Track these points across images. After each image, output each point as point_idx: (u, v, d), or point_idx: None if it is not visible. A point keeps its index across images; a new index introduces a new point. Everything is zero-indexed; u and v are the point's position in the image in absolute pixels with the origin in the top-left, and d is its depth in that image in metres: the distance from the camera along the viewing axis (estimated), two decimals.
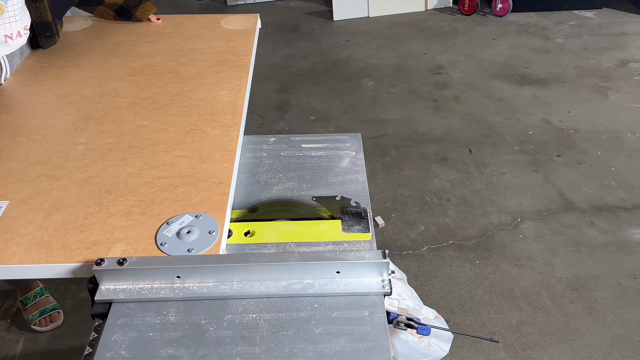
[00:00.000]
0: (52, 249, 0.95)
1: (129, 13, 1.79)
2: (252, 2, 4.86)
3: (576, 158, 2.79)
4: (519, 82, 3.49)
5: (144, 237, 0.97)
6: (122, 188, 1.09)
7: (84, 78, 1.49)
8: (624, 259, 2.20)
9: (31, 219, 1.01)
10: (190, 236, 0.96)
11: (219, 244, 0.96)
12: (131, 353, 0.81)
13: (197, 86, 1.44)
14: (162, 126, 1.28)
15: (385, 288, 0.89)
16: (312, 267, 0.89)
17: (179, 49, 1.64)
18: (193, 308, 0.88)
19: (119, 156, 1.18)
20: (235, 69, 1.52)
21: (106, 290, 0.90)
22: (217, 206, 1.04)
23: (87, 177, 1.12)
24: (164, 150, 1.20)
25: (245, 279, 0.90)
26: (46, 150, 1.20)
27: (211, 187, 1.09)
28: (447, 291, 2.08)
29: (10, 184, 1.10)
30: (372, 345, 0.82)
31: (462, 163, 2.77)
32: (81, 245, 0.95)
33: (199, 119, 1.30)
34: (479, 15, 4.48)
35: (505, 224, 2.39)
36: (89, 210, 1.03)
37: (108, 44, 1.68)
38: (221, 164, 1.15)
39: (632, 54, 3.79)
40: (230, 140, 1.23)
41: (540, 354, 1.85)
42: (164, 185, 1.09)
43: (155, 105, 1.36)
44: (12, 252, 0.94)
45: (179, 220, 1.00)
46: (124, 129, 1.27)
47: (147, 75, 1.49)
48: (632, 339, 1.89)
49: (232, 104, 1.36)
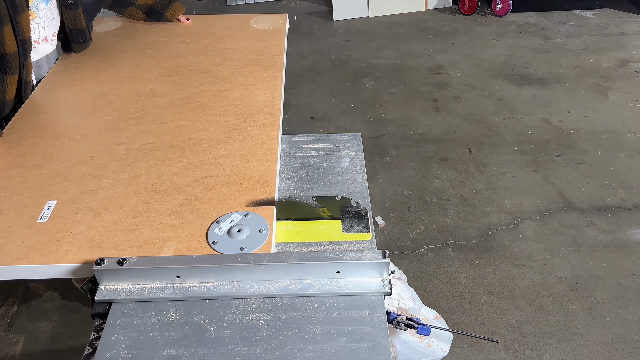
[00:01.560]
0: (104, 248, 0.96)
1: (159, 14, 1.79)
2: (252, 2, 4.86)
3: (576, 158, 2.79)
4: (519, 82, 3.49)
5: (194, 236, 0.98)
6: (169, 187, 1.10)
7: (119, 78, 1.50)
8: (624, 259, 2.20)
9: (81, 218, 1.02)
10: (241, 235, 0.97)
11: (270, 242, 0.97)
12: (131, 353, 0.81)
13: (232, 86, 1.45)
14: (202, 126, 1.29)
15: (385, 288, 0.89)
16: (312, 267, 0.89)
17: (211, 49, 1.65)
18: (193, 308, 0.88)
19: (162, 156, 1.19)
20: (269, 69, 1.54)
21: (106, 290, 0.90)
22: (264, 205, 1.05)
23: (132, 176, 1.13)
24: (206, 150, 1.20)
25: (245, 279, 0.90)
26: (89, 150, 1.21)
27: (256, 186, 1.10)
28: (447, 291, 2.08)
29: (57, 184, 1.11)
30: (372, 345, 0.82)
31: (462, 163, 2.77)
32: (133, 244, 0.96)
33: (238, 119, 1.31)
34: (479, 15, 4.48)
35: (505, 224, 2.39)
36: (137, 210, 1.04)
37: (140, 44, 1.68)
38: (264, 163, 1.16)
39: (632, 54, 3.79)
40: (271, 139, 1.24)
41: (540, 354, 1.85)
42: (210, 184, 1.10)
43: (193, 105, 1.37)
44: (66, 251, 0.95)
45: (229, 219, 1.01)
46: (164, 128, 1.28)
47: (182, 76, 1.50)
48: (632, 339, 1.89)
49: (269, 104, 1.37)
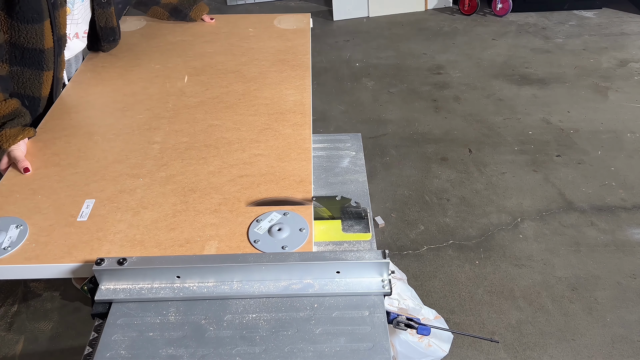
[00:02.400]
0: (146, 246, 0.96)
1: (183, 13, 1.79)
2: (252, 2, 4.86)
3: (576, 158, 2.79)
4: (519, 82, 3.49)
5: (235, 235, 0.98)
6: (206, 186, 1.10)
7: (148, 77, 1.50)
8: (624, 259, 2.20)
9: (120, 217, 1.02)
10: (282, 233, 0.97)
11: (311, 241, 0.97)
12: (131, 353, 0.81)
13: (261, 85, 1.45)
14: (234, 125, 1.29)
15: (385, 288, 0.89)
16: (312, 267, 0.89)
17: (236, 48, 1.65)
18: (193, 308, 0.88)
19: (197, 155, 1.19)
20: (296, 69, 1.54)
21: (106, 290, 0.90)
22: (302, 203, 1.06)
23: (169, 175, 1.13)
24: (240, 149, 1.21)
25: (245, 279, 0.90)
26: (123, 149, 1.21)
27: (293, 185, 1.10)
28: (447, 291, 2.08)
29: (94, 183, 1.11)
30: (372, 345, 0.82)
31: (462, 163, 2.77)
32: (175, 243, 0.96)
33: (269, 118, 1.31)
34: (479, 15, 4.48)
35: (505, 224, 2.39)
36: (176, 209, 1.04)
37: (165, 43, 1.69)
38: (299, 163, 1.16)
39: (632, 54, 3.79)
40: (304, 138, 1.24)
41: (540, 354, 1.85)
42: (247, 184, 1.10)
43: (223, 104, 1.37)
44: (107, 250, 0.95)
45: (268, 218, 1.01)
46: (196, 128, 1.28)
47: (210, 75, 1.50)
48: (632, 339, 1.89)
49: (299, 103, 1.37)
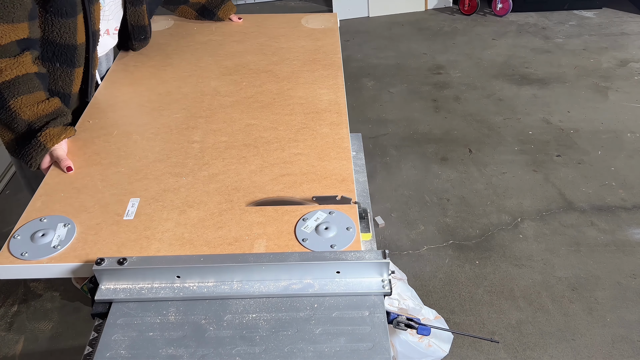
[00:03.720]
0: (195, 245, 0.96)
1: (211, 13, 1.80)
2: (252, 2, 4.86)
3: (576, 158, 2.79)
4: (519, 82, 3.49)
5: (283, 233, 0.98)
6: (249, 185, 1.10)
7: (181, 77, 1.50)
8: (624, 259, 2.20)
9: (167, 216, 1.02)
10: (329, 232, 0.97)
11: (359, 240, 0.97)
12: (131, 353, 0.81)
13: (294, 85, 1.46)
14: (271, 124, 1.29)
15: (385, 288, 0.89)
16: (312, 267, 0.89)
17: (266, 48, 1.66)
18: (193, 308, 0.88)
19: (237, 154, 1.19)
20: (328, 68, 1.54)
21: (106, 290, 0.90)
22: (346, 202, 1.05)
23: (211, 174, 1.13)
24: (279, 148, 1.21)
25: (245, 279, 0.90)
26: (163, 149, 1.21)
27: (335, 184, 1.11)
28: (447, 291, 2.08)
29: (137, 182, 1.11)
30: (372, 346, 0.82)
31: (462, 163, 2.77)
32: (223, 242, 0.97)
33: (306, 118, 1.32)
34: (479, 15, 4.48)
35: (505, 224, 2.39)
36: (221, 207, 1.04)
37: (195, 43, 1.69)
38: (339, 162, 1.17)
39: (632, 54, 3.79)
40: (342, 138, 1.24)
41: (540, 354, 1.85)
42: (289, 183, 1.11)
43: (258, 103, 1.37)
44: (157, 249, 0.95)
45: (314, 217, 1.01)
46: (234, 127, 1.29)
47: (242, 75, 1.51)
48: (632, 339, 1.89)
49: (334, 102, 1.38)
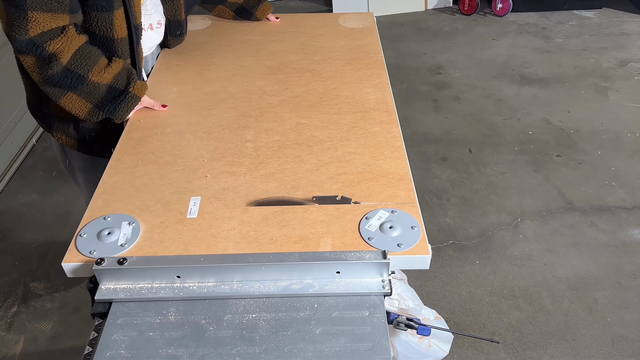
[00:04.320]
0: (261, 243, 0.96)
1: (249, 12, 1.80)
2: None
3: (576, 158, 2.79)
4: (519, 82, 3.49)
5: (347, 232, 0.98)
6: (307, 184, 1.10)
7: (225, 76, 1.50)
8: (624, 259, 2.20)
9: (230, 214, 1.02)
10: (394, 231, 0.97)
11: (425, 239, 0.97)
12: (131, 352, 0.81)
13: (340, 84, 1.46)
14: (321, 124, 1.29)
15: (385, 288, 0.89)
16: (312, 267, 0.89)
17: (307, 47, 1.66)
18: (193, 308, 0.88)
19: (291, 153, 1.19)
20: (371, 67, 1.54)
21: (106, 289, 0.90)
22: (407, 202, 1.06)
23: (268, 173, 1.14)
24: (332, 148, 1.21)
25: (245, 279, 0.90)
26: (217, 148, 1.22)
27: (393, 182, 1.10)
28: (447, 291, 2.08)
29: (195, 180, 1.12)
30: (372, 346, 0.82)
31: (462, 163, 2.77)
32: (289, 240, 0.97)
33: (355, 117, 1.32)
34: (479, 15, 4.48)
35: (505, 224, 2.39)
36: (283, 206, 1.04)
37: (235, 42, 1.69)
38: (394, 161, 1.16)
39: (632, 54, 3.79)
40: (394, 137, 1.24)
41: (540, 354, 1.85)
42: (347, 182, 1.11)
43: (306, 103, 1.38)
44: (224, 247, 0.95)
45: (376, 216, 1.01)
46: (284, 126, 1.29)
47: (286, 74, 1.51)
48: (632, 339, 1.89)
49: (381, 101, 1.38)
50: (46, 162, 2.88)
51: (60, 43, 1.15)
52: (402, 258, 0.94)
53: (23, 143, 2.95)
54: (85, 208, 1.07)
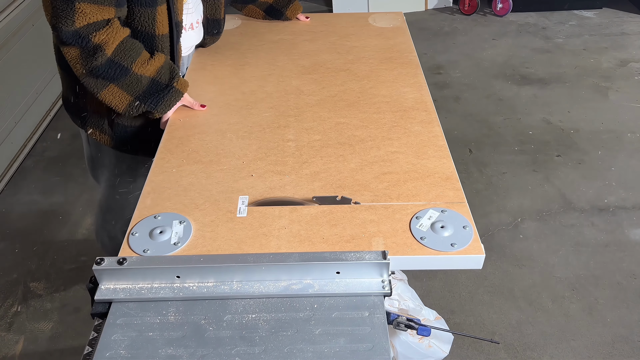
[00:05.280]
0: (313, 242, 0.96)
1: (279, 12, 1.81)
2: None
3: (576, 158, 2.79)
4: (519, 82, 3.49)
5: (398, 232, 0.98)
6: (353, 183, 1.10)
7: (261, 76, 1.50)
8: (624, 259, 2.20)
9: (279, 213, 1.02)
10: (445, 231, 0.97)
11: (477, 239, 0.97)
12: (131, 353, 0.81)
13: (376, 83, 1.45)
14: (361, 123, 1.29)
15: (385, 289, 0.89)
16: (312, 267, 0.89)
17: (339, 47, 1.66)
18: (193, 308, 0.88)
19: (334, 152, 1.19)
20: (406, 66, 1.54)
21: (106, 289, 0.90)
22: (455, 201, 1.05)
23: (313, 172, 1.13)
24: (374, 147, 1.21)
25: (245, 279, 0.90)
26: (260, 147, 1.22)
27: (440, 182, 1.10)
28: (447, 291, 2.08)
29: (241, 180, 1.12)
30: (372, 346, 0.82)
31: (462, 163, 2.77)
32: (340, 239, 0.97)
33: (394, 116, 1.31)
34: (479, 15, 4.47)
35: (505, 224, 2.39)
36: (331, 205, 1.04)
37: (267, 42, 1.69)
38: (439, 160, 1.16)
39: (632, 54, 3.79)
40: (436, 136, 1.24)
41: (540, 354, 1.85)
42: (393, 181, 1.10)
43: (344, 102, 1.37)
44: (277, 246, 0.96)
45: (427, 215, 1.01)
46: (324, 126, 1.28)
47: (321, 74, 1.51)
48: (632, 339, 1.89)
49: (419, 101, 1.37)
50: (46, 162, 2.88)
51: (106, 34, 1.16)
52: (456, 258, 0.95)
53: (23, 143, 2.95)
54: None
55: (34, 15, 3.07)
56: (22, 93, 2.97)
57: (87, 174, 2.72)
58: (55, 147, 3.00)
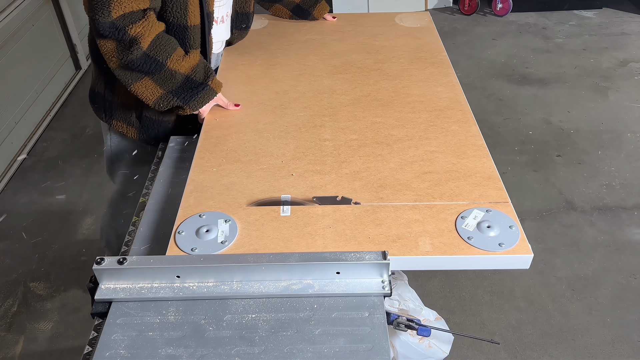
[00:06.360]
0: (359, 241, 0.97)
1: (306, 12, 1.81)
2: None
3: (576, 158, 2.79)
4: (519, 82, 3.49)
5: (444, 231, 0.98)
6: (394, 183, 1.10)
7: (292, 76, 1.50)
8: (624, 259, 2.20)
9: (322, 212, 1.03)
10: (492, 231, 0.97)
11: (524, 238, 0.97)
12: (130, 352, 0.81)
13: (408, 83, 1.45)
14: (397, 122, 1.29)
15: (385, 289, 0.89)
16: (312, 267, 0.89)
17: (368, 46, 1.65)
18: (192, 308, 0.88)
19: (372, 152, 1.19)
20: (437, 66, 1.53)
21: (106, 289, 0.90)
22: (499, 201, 1.05)
23: (352, 172, 1.13)
24: (412, 146, 1.20)
25: (245, 279, 0.90)
26: (297, 147, 1.22)
27: (482, 182, 1.10)
28: (447, 292, 2.08)
29: (282, 179, 1.12)
30: (372, 346, 0.82)
31: None
32: (386, 239, 0.97)
33: (430, 115, 1.31)
34: (479, 15, 4.47)
35: None
36: (374, 205, 1.04)
37: (296, 42, 1.69)
38: (479, 160, 1.16)
39: (632, 54, 3.79)
40: (474, 135, 1.24)
41: (540, 354, 1.85)
42: (434, 180, 1.10)
43: (377, 102, 1.37)
44: (323, 245, 0.96)
45: (471, 215, 1.01)
46: (360, 125, 1.28)
47: (352, 73, 1.51)
48: (632, 339, 1.89)
49: (454, 100, 1.38)
50: (46, 162, 2.88)
51: (142, 27, 1.16)
52: (504, 258, 0.95)
53: (23, 143, 2.95)
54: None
55: (34, 15, 3.08)
56: (22, 93, 2.97)
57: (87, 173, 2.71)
58: (55, 147, 3.00)
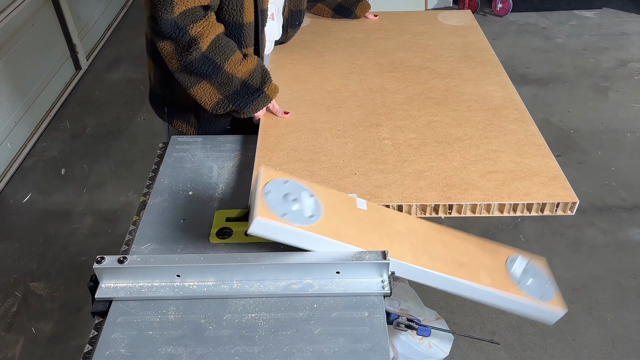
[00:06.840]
0: (432, 257, 0.97)
1: (348, 10, 1.81)
2: None
3: (576, 158, 2.79)
4: (519, 82, 3.49)
5: (500, 268, 0.99)
6: (460, 182, 1.09)
7: (342, 74, 1.49)
8: (624, 259, 2.20)
9: (391, 215, 1.02)
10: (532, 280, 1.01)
11: (560, 295, 1.01)
12: (130, 351, 0.81)
13: (460, 82, 1.44)
14: (454, 121, 1.27)
15: (385, 289, 0.89)
16: (311, 267, 0.89)
17: (414, 45, 1.64)
18: (193, 307, 0.88)
19: (433, 151, 1.18)
20: (486, 64, 1.52)
21: (106, 288, 0.90)
22: (567, 200, 1.06)
23: (416, 171, 1.12)
24: (473, 145, 1.19)
25: (245, 279, 0.90)
26: (357, 146, 1.20)
27: (548, 181, 1.09)
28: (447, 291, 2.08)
29: (345, 178, 1.11)
30: (372, 346, 0.82)
31: None
32: (454, 260, 0.98)
33: (486, 114, 1.30)
34: (479, 15, 4.47)
35: (505, 224, 2.39)
36: (441, 204, 1.04)
37: (341, 40, 1.68)
38: (542, 159, 1.16)
39: (632, 54, 3.79)
40: (533, 134, 1.23)
41: (540, 354, 1.85)
42: (500, 180, 1.09)
43: (432, 100, 1.36)
44: (400, 252, 0.95)
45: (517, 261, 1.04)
46: (417, 124, 1.27)
47: (402, 72, 1.49)
48: (632, 339, 1.89)
49: (508, 99, 1.36)
50: (46, 162, 2.88)
51: (202, 27, 1.17)
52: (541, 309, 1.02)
53: (23, 143, 2.95)
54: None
55: (34, 15, 3.08)
56: (22, 93, 2.97)
57: (87, 173, 2.71)
58: (55, 147, 3.00)
